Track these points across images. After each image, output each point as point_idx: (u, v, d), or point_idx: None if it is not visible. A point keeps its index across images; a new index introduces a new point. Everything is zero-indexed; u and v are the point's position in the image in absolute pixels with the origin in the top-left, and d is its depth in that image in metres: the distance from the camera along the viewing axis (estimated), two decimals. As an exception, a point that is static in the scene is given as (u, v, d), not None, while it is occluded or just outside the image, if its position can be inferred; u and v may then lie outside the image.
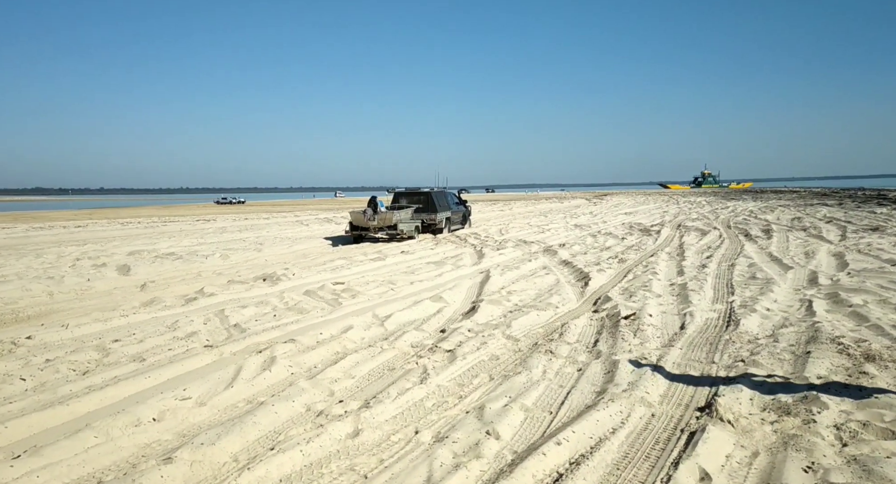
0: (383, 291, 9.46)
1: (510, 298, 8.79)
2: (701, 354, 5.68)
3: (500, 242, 17.52)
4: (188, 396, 4.61)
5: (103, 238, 21.55)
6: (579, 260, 13.05)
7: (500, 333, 6.55)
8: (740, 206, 35.64)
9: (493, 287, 9.88)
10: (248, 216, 39.52)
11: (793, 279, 10.10)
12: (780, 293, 8.82)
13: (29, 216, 44.23)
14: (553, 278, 10.83)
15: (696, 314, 7.35)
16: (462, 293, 9.38)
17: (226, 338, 6.53)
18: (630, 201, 53.79)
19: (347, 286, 9.86)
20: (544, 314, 7.66)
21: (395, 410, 4.41)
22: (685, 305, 7.98)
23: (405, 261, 13.41)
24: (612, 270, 11.63)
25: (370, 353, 5.95)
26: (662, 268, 11.61)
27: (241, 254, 15.38)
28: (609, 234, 19.48)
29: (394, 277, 11.02)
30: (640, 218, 27.82)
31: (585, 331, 6.72)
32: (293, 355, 5.75)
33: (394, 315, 7.58)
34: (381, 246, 17.04)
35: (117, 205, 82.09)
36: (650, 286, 9.46)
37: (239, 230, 25.06)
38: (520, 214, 34.44)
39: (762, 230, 18.99)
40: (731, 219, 24.88)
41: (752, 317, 7.13)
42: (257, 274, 11.41)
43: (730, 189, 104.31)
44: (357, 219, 19.62)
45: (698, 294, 8.79)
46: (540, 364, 5.42)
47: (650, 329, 6.56)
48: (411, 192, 22.79)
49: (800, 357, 5.39)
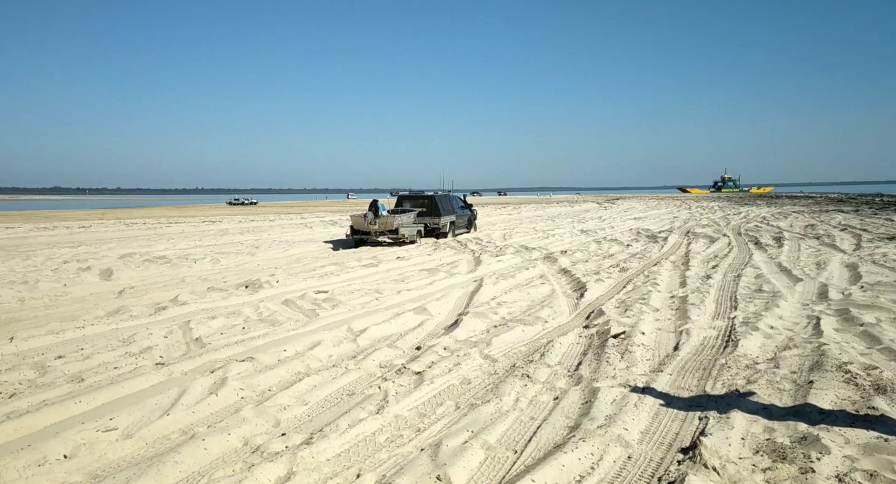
0: (367, 301, 9.00)
1: (498, 311, 8.29)
2: (692, 380, 5.16)
3: (502, 247, 17.02)
4: (114, 426, 4.15)
5: (102, 239, 21.26)
6: (579, 268, 12.53)
7: (477, 353, 6.06)
8: (753, 212, 34.89)
9: (483, 298, 9.39)
10: (254, 218, 39.24)
11: (801, 293, 9.52)
12: (786, 308, 8.26)
13: (41, 216, 44.28)
14: (548, 288, 10.32)
15: (693, 332, 6.82)
16: (449, 304, 8.90)
17: (182, 354, 6.08)
18: (641, 206, 53.04)
19: (330, 295, 9.40)
20: (530, 330, 7.15)
21: (341, 447, 3.92)
22: (683, 322, 7.45)
23: (398, 267, 12.94)
24: (612, 280, 11.09)
25: (332, 374, 5.48)
26: (665, 278, 11.06)
27: (234, 258, 14.98)
28: (614, 240, 18.92)
29: (382, 285, 10.55)
30: (649, 223, 27.20)
31: (570, 351, 6.21)
32: (247, 376, 5.29)
33: (370, 329, 7.11)
34: (379, 251, 16.60)
35: (130, 205, 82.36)
36: (648, 299, 8.93)
37: (240, 232, 24.71)
38: (527, 219, 33.89)
39: (773, 238, 18.35)
40: (742, 225, 24.22)
41: (753, 336, 6.58)
42: (242, 280, 10.99)
43: (750, 194, 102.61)
44: (357, 223, 19.18)
45: (699, 308, 8.25)
46: (513, 391, 4.92)
47: (640, 350, 6.03)
48: (415, 195, 22.33)
49: (801, 387, 4.85)
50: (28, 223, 33.48)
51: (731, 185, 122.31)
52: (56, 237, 22.48)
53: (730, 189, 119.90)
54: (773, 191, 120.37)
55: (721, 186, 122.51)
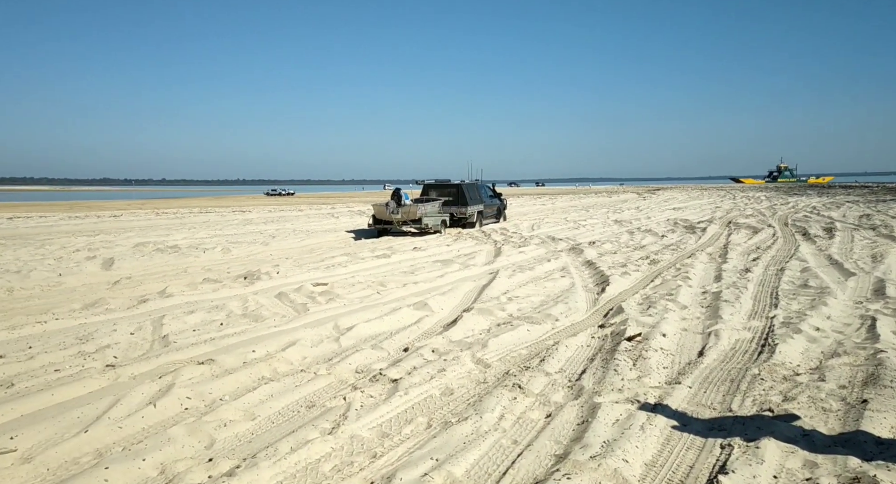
0: (366, 295, 8.29)
1: (507, 307, 7.49)
2: (716, 396, 4.30)
3: (527, 238, 16.15)
4: (14, 446, 3.51)
5: (126, 228, 21.07)
6: (605, 261, 11.61)
7: (469, 356, 5.29)
8: (802, 202, 33.15)
9: (493, 292, 8.60)
10: (284, 208, 39.02)
11: (854, 289, 8.48)
12: (835, 307, 7.27)
13: (84, 205, 44.97)
14: (568, 282, 9.47)
15: (723, 334, 5.92)
16: (455, 299, 8.13)
17: (140, 354, 5.45)
18: (683, 196, 51.27)
19: (329, 288, 8.72)
20: (537, 330, 6.34)
21: (270, 480, 3.21)
22: (713, 321, 6.54)
23: (412, 258, 12.21)
24: (640, 274, 10.17)
25: (297, 380, 4.78)
26: (698, 272, 10.09)
27: (247, 248, 14.46)
28: (648, 231, 17.86)
29: (389, 277, 9.83)
30: (689, 214, 25.92)
31: (577, 355, 5.38)
32: (200, 382, 4.63)
33: (358, 327, 6.39)
34: (397, 241, 15.90)
35: (171, 195, 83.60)
36: (676, 295, 8.02)
37: (264, 222, 24.33)
38: (560, 209, 32.82)
39: (824, 228, 17.07)
40: (789, 216, 22.83)
41: (795, 340, 5.66)
42: (244, 271, 10.40)
43: (808, 184, 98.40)
44: (380, 212, 18.52)
45: (733, 306, 7.31)
46: (499, 405, 4.14)
47: (657, 356, 5.17)
48: (441, 184, 21.55)
49: (852, 408, 3.96)
50: (67, 212, 33.84)
51: (787, 174, 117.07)
52: (82, 226, 22.40)
53: (786, 179, 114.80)
54: (832, 180, 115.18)
55: (777, 176, 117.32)
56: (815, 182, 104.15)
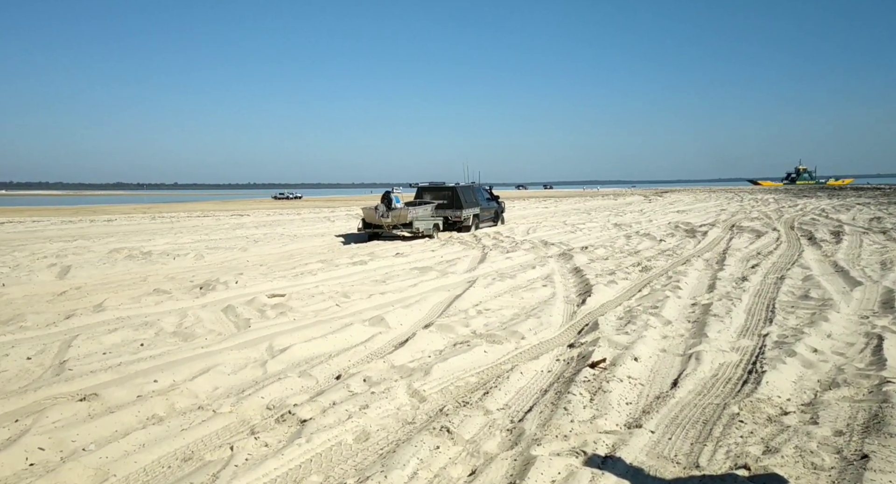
0: (323, 308, 7.54)
1: (472, 322, 6.73)
2: (683, 444, 3.51)
3: (519, 242, 15.37)
4: None
5: (111, 233, 20.44)
6: (594, 268, 10.83)
7: (404, 387, 4.52)
8: (811, 205, 32.14)
9: (464, 304, 7.84)
10: (283, 211, 38.42)
11: (860, 301, 7.67)
12: (838, 322, 6.46)
13: (88, 210, 44.53)
14: (548, 292, 8.70)
15: (705, 357, 5.13)
16: (419, 312, 7.37)
17: (20, 386, 4.68)
18: (689, 199, 50.26)
19: (285, 300, 7.99)
20: (497, 351, 5.57)
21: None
22: (697, 340, 5.75)
23: (390, 265, 11.46)
24: (628, 282, 9.39)
25: (190, 421, 4.03)
26: (690, 280, 9.29)
27: (223, 254, 13.75)
28: (647, 234, 17.04)
29: (357, 286, 9.09)
30: (692, 217, 25.05)
31: (530, 386, 4.60)
32: (68, 425, 3.88)
33: (294, 348, 5.64)
34: (381, 246, 15.13)
35: (179, 200, 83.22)
36: (662, 308, 7.23)
37: (256, 226, 23.67)
38: (562, 212, 31.97)
39: (831, 232, 16.18)
40: (796, 219, 21.91)
41: (787, 365, 4.87)
42: (204, 280, 9.68)
43: (827, 186, 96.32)
44: (369, 216, 17.80)
45: (722, 322, 6.52)
46: (416, 458, 3.38)
47: (622, 387, 4.38)
48: (436, 186, 20.84)
49: (850, 465, 3.17)
50: (66, 216, 33.33)
51: (805, 176, 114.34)
52: (68, 231, 21.79)
53: (805, 181, 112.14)
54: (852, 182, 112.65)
55: (795, 178, 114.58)
56: (834, 184, 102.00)
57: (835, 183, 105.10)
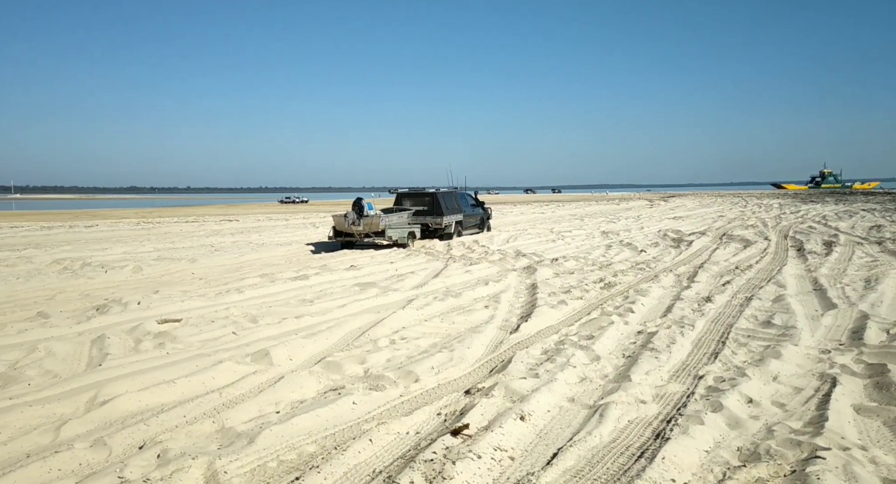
0: (215, 337, 6.70)
1: (373, 357, 5.87)
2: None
3: (490, 253, 14.48)
4: None
5: (71, 241, 19.71)
6: (553, 284, 9.95)
7: (202, 467, 3.60)
8: (813, 211, 31.01)
9: (383, 330, 6.99)
10: (274, 216, 37.75)
11: (828, 329, 6.76)
12: (792, 359, 5.56)
13: (89, 214, 43.94)
14: (487, 314, 7.84)
15: (612, 413, 4.23)
16: (323, 343, 6.50)
17: None
18: (693, 204, 49.10)
19: (178, 326, 7.15)
20: (371, 400, 4.69)
21: None
22: (617, 385, 4.86)
23: (331, 281, 10.62)
24: (580, 302, 8.51)
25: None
26: (649, 301, 8.40)
27: (167, 265, 12.98)
28: (629, 244, 16.11)
29: (276, 308, 8.24)
30: (686, 224, 24.06)
31: (367, 463, 3.65)
32: None
33: (122, 399, 4.64)
34: (337, 257, 14.27)
35: (183, 204, 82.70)
36: (599, 338, 6.34)
37: (232, 233, 22.92)
38: (554, 218, 31.00)
39: (823, 243, 15.20)
40: (793, 226, 20.90)
41: (706, 425, 3.98)
42: (110, 299, 8.87)
43: (853, 189, 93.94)
44: (339, 223, 17.00)
45: (658, 358, 5.63)
46: None
47: (476, 467, 3.47)
48: (415, 192, 20.06)
49: None
50: (52, 221, 32.73)
51: (831, 179, 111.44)
52: (32, 237, 21.10)
53: (830, 184, 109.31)
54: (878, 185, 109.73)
55: (820, 182, 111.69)
56: (859, 188, 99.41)
57: (861, 187, 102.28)
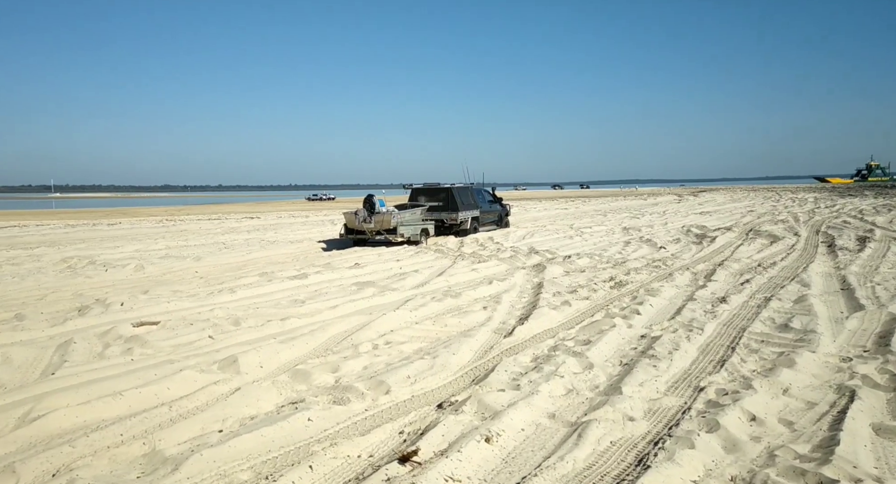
0: (190, 342, 6.32)
1: (347, 365, 5.43)
2: None
3: (503, 249, 13.97)
4: None
5: (86, 238, 19.69)
6: (560, 283, 9.43)
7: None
8: (850, 205, 29.77)
9: (368, 334, 6.56)
10: (296, 214, 37.67)
11: (851, 333, 6.15)
12: (807, 368, 5.00)
13: (120, 212, 44.33)
14: (484, 316, 7.37)
15: (592, 433, 3.74)
16: (301, 348, 6.08)
17: None
18: (723, 198, 47.81)
19: (154, 329, 6.78)
20: (330, 416, 4.25)
21: None
22: (605, 398, 4.36)
23: (330, 280, 10.23)
24: (586, 303, 8.00)
25: None
26: (660, 301, 7.85)
27: (172, 264, 12.73)
28: (649, 240, 15.45)
29: (263, 310, 7.87)
30: (713, 219, 23.20)
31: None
32: None
33: (57, 414, 4.17)
34: (343, 255, 13.90)
35: (211, 201, 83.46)
36: (595, 343, 5.83)
37: (248, 231, 22.72)
38: (574, 214, 30.28)
39: (857, 238, 14.38)
40: (826, 221, 19.95)
41: (700, 446, 3.47)
42: (96, 299, 8.58)
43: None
44: (350, 221, 16.65)
45: (657, 366, 5.11)
46: None
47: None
48: (430, 188, 19.59)
49: None
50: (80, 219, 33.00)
51: (878, 172, 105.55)
52: (51, 235, 21.15)
53: (877, 177, 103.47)
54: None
55: (866, 175, 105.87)
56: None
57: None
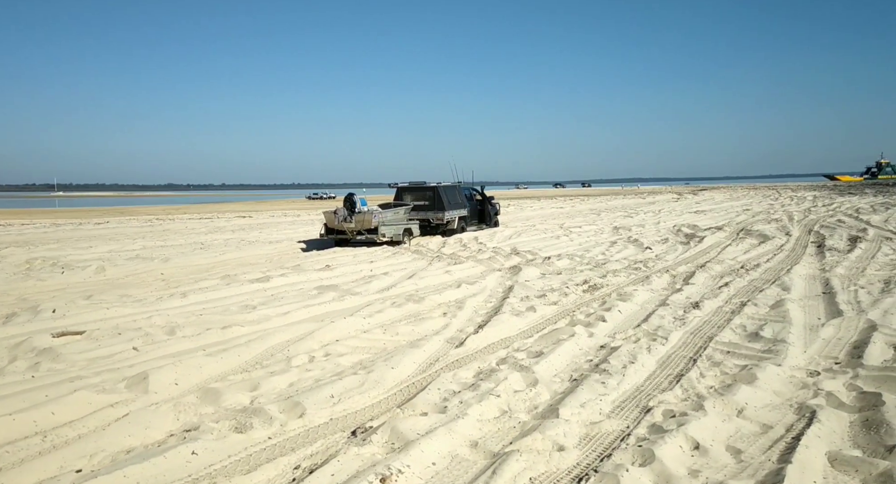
0: (111, 354, 5.82)
1: (269, 382, 4.98)
2: None
3: (484, 250, 13.53)
4: None
5: (63, 238, 19.30)
6: (532, 286, 9.01)
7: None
8: (847, 204, 29.22)
9: (309, 344, 6.12)
10: (287, 212, 37.29)
11: (824, 343, 5.71)
12: (769, 384, 4.57)
13: (116, 211, 44.02)
14: (440, 324, 6.94)
15: (510, 468, 3.30)
16: (230, 361, 5.61)
17: None
18: (722, 197, 47.30)
19: (70, 341, 6.27)
20: (220, 448, 3.77)
21: None
22: (538, 423, 3.93)
23: (292, 283, 9.80)
24: (552, 309, 7.57)
25: None
26: (629, 307, 7.41)
27: (137, 265, 12.32)
28: (636, 240, 14.99)
29: (207, 316, 7.38)
30: (706, 218, 22.73)
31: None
32: None
33: None
34: (319, 256, 13.47)
35: (211, 200, 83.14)
36: (548, 355, 5.41)
37: (232, 230, 22.33)
38: (567, 213, 29.80)
39: (849, 238, 13.91)
40: (821, 220, 19.45)
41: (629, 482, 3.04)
42: (33, 305, 8.09)
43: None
44: (330, 220, 16.23)
45: (606, 383, 4.67)
46: None
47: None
48: (416, 187, 19.17)
49: None
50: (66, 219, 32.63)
51: (889, 170, 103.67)
52: (28, 235, 20.77)
53: (888, 175, 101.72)
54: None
55: (876, 172, 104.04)
56: None
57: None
